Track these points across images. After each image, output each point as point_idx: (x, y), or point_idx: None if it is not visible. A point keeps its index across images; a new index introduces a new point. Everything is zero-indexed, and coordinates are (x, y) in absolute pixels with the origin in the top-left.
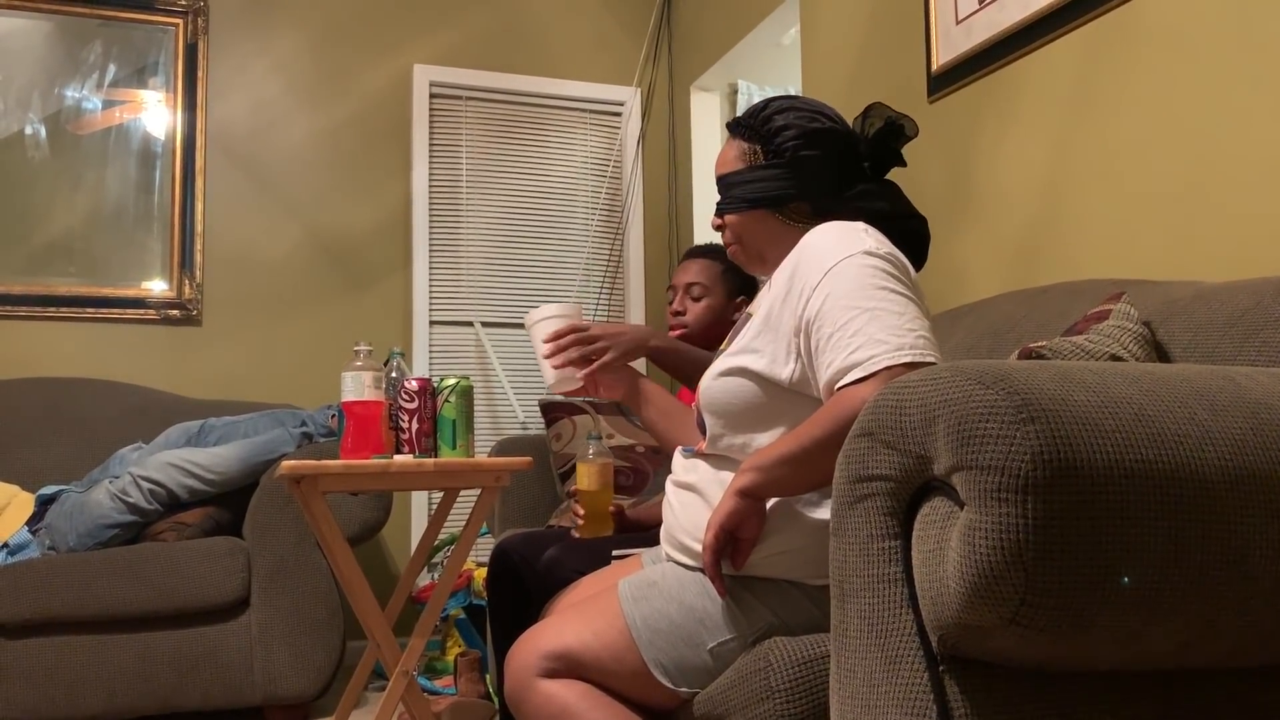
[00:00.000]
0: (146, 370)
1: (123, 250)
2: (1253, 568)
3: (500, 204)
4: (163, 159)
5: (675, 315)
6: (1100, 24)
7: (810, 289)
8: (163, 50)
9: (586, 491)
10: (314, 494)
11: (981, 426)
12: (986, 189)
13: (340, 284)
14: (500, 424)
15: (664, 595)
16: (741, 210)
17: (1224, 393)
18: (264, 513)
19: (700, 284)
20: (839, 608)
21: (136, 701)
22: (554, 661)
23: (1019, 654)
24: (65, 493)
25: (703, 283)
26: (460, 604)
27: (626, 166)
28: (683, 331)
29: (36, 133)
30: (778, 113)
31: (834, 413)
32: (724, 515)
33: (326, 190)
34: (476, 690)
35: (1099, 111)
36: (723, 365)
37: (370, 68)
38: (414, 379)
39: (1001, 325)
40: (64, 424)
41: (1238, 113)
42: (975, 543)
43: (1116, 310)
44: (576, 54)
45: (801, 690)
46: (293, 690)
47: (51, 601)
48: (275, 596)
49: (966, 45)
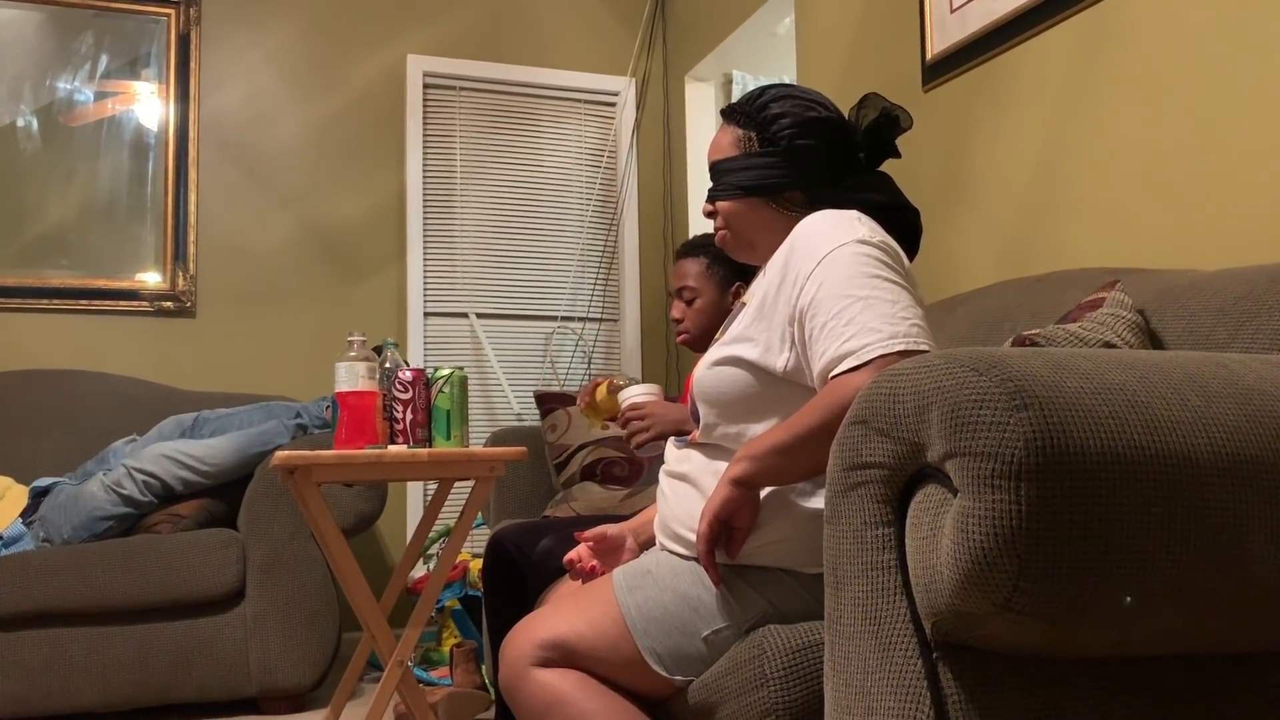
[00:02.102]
0: (140, 362)
1: (116, 242)
2: (1246, 554)
3: (494, 195)
4: (155, 150)
5: (676, 323)
6: (1094, 12)
7: (804, 277)
8: (155, 41)
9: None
10: (308, 485)
11: (975, 413)
12: (981, 178)
13: (334, 275)
14: (495, 415)
15: (658, 584)
16: (735, 197)
17: (1217, 379)
18: (259, 504)
19: (689, 286)
20: (833, 595)
21: (132, 693)
22: (549, 651)
23: (1012, 640)
24: (59, 485)
25: (691, 285)
26: (456, 595)
27: (621, 157)
28: (686, 338)
29: (28, 125)
30: (773, 100)
31: (828, 401)
32: (718, 504)
33: (320, 181)
34: (472, 681)
35: (1093, 100)
36: (716, 354)
37: (363, 58)
38: (408, 369)
39: (996, 314)
40: (58, 416)
41: (1231, 101)
42: (968, 529)
43: (1110, 298)
44: (571, 44)
45: (796, 678)
46: (288, 681)
47: (46, 593)
48: (270, 588)
49: (961, 34)
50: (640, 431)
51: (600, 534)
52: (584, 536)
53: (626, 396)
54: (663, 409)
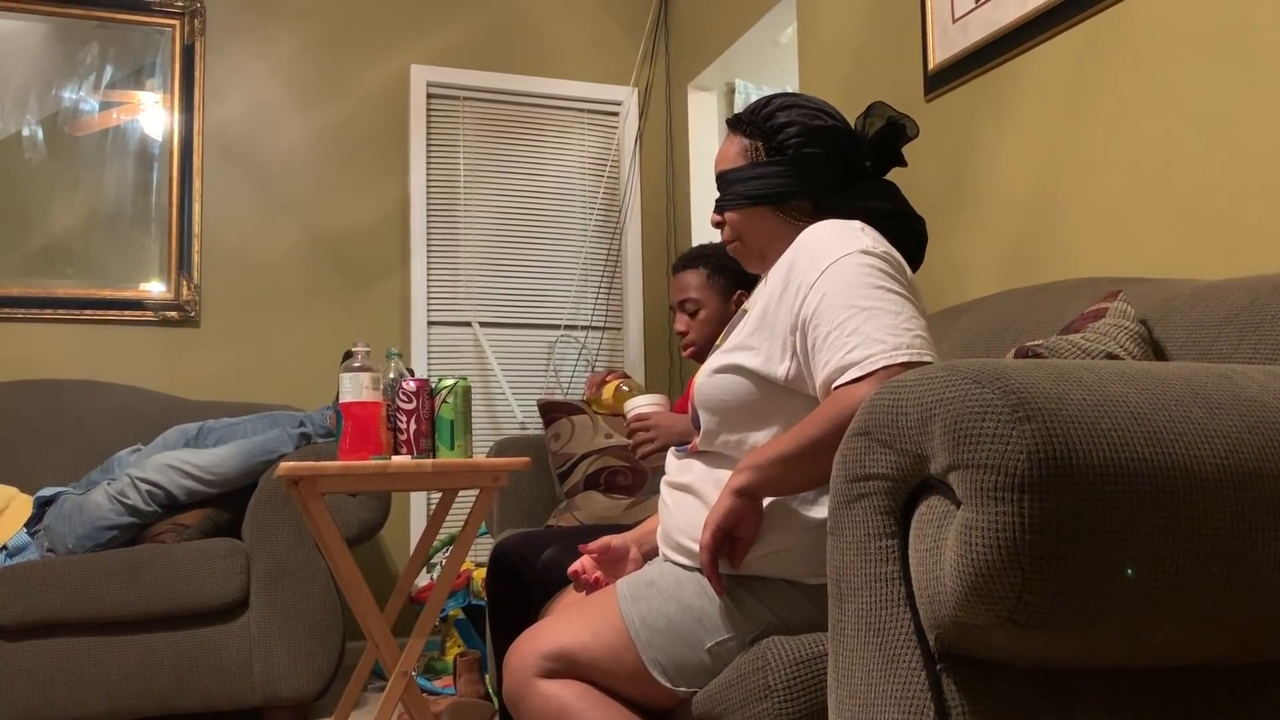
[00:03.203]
0: (144, 372)
1: (120, 252)
2: (1250, 565)
3: (498, 204)
4: (160, 160)
5: (681, 336)
6: (1097, 21)
7: (807, 287)
8: (160, 51)
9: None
10: (312, 495)
11: (978, 425)
12: (983, 187)
13: (338, 285)
14: (499, 424)
15: (662, 595)
16: (742, 207)
17: (1220, 391)
18: (263, 514)
19: (691, 299)
20: (836, 607)
21: (136, 703)
22: (553, 661)
23: (1016, 652)
24: (64, 495)
25: (693, 296)
26: (459, 604)
27: (624, 166)
28: (692, 351)
29: (34, 135)
30: (780, 109)
31: (831, 412)
32: (721, 514)
33: (324, 191)
34: (476, 690)
35: (1096, 110)
36: (718, 362)
37: (367, 68)
38: (412, 380)
39: (998, 323)
40: (62, 426)
41: (1234, 111)
42: (972, 541)
43: (1113, 308)
44: (574, 54)
45: (799, 689)
46: (292, 691)
47: (50, 603)
48: (274, 597)
49: (963, 43)
50: (646, 443)
51: (604, 545)
52: (588, 549)
53: (633, 407)
54: (669, 420)
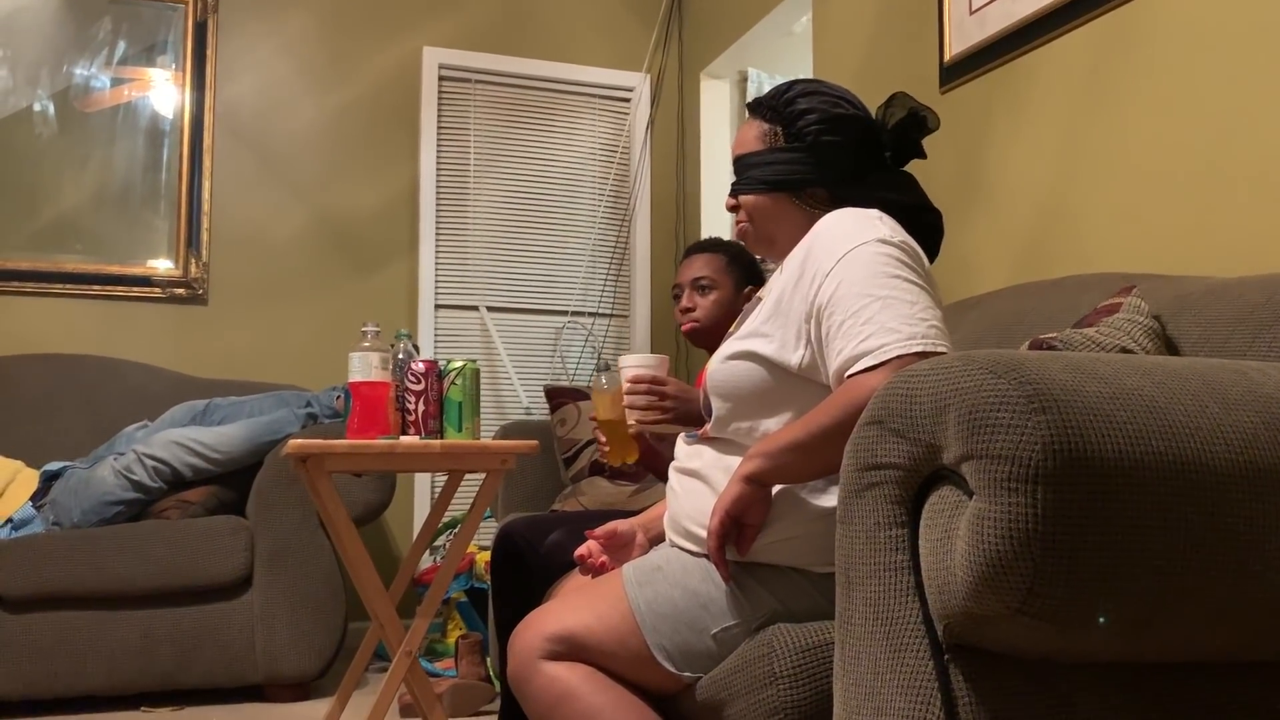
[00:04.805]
0: (152, 348)
1: (129, 228)
2: (1262, 561)
3: (507, 189)
4: (170, 138)
5: (685, 312)
6: (1114, 16)
7: (823, 275)
8: (172, 29)
9: (606, 420)
10: (320, 473)
11: (992, 416)
12: (997, 181)
13: (346, 266)
14: (505, 408)
15: (668, 580)
16: (758, 191)
17: (1236, 387)
18: (268, 492)
19: (707, 277)
20: (844, 595)
21: (138, 678)
22: (557, 644)
23: (1024, 644)
24: (70, 469)
25: (710, 276)
26: (462, 587)
27: (634, 153)
28: (694, 326)
29: (45, 110)
30: (801, 95)
31: (843, 400)
32: (729, 501)
33: (334, 172)
34: (477, 673)
35: (1111, 104)
36: (731, 348)
37: (379, 49)
38: (421, 361)
39: (1010, 318)
40: (69, 401)
41: (1250, 105)
42: (984, 532)
43: (1127, 304)
44: (586, 39)
45: (804, 676)
46: (294, 669)
47: (55, 576)
48: (278, 576)
49: (980, 36)
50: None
51: (610, 530)
52: (594, 533)
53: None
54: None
